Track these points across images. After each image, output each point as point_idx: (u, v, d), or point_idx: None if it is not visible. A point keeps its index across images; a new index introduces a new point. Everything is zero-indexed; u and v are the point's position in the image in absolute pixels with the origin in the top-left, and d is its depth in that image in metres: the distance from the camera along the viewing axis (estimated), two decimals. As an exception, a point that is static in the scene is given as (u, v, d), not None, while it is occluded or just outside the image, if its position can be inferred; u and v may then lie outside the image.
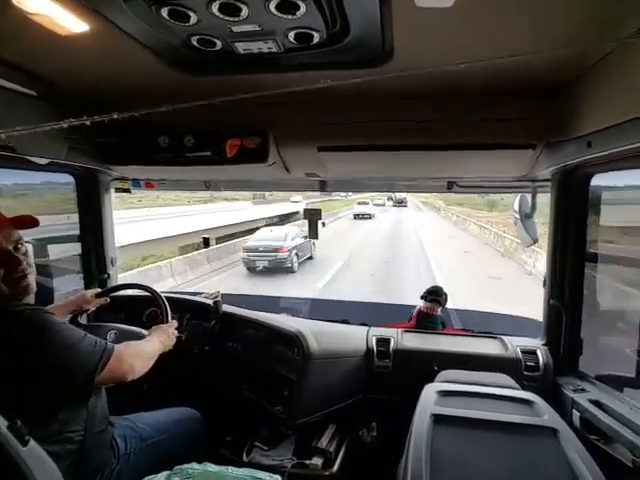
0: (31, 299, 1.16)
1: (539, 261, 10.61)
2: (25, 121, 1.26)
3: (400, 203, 37.33)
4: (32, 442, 0.85)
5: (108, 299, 1.71)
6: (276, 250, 10.82)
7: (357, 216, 25.21)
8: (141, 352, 1.23)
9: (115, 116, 0.62)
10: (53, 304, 1.66)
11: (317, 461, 1.57)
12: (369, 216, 25.29)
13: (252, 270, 11.39)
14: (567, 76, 1.14)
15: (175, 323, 1.52)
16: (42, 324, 1.03)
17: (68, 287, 2.09)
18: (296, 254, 11.47)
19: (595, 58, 1.00)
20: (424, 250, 14.55)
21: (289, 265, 11.15)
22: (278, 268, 10.94)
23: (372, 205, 29.21)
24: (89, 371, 1.05)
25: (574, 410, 1.37)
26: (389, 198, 38.56)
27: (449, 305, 2.38)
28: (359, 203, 27.36)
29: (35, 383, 1.00)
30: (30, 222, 1.17)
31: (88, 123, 0.62)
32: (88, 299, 1.63)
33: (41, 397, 1.02)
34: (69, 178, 1.97)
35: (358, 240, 16.94)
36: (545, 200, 1.71)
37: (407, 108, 1.34)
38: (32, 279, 1.14)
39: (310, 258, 12.72)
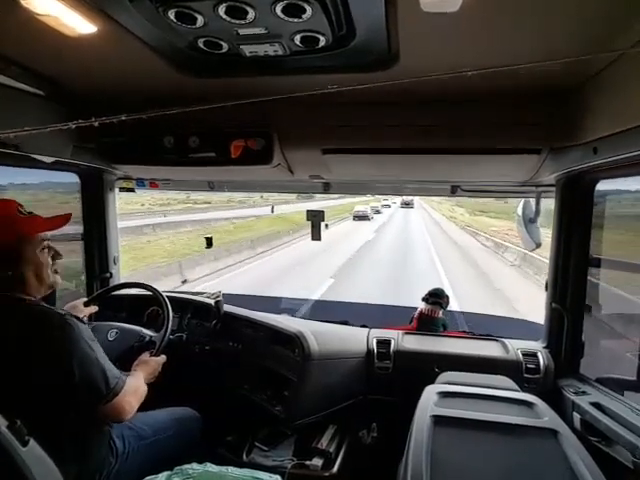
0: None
1: None
2: (33, 120, 1.29)
3: (407, 205, 41.91)
4: (32, 442, 0.86)
5: (97, 307, 1.71)
6: (363, 212, 27.52)
7: (383, 206, 39.95)
8: (139, 395, 1.22)
9: (123, 118, 0.62)
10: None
11: (317, 462, 1.57)
12: (389, 206, 40.95)
13: (354, 219, 27.14)
14: (573, 81, 1.14)
15: (164, 358, 1.49)
16: (80, 332, 1.06)
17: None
18: (369, 214, 28.12)
19: (602, 64, 1.00)
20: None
21: (369, 218, 27.86)
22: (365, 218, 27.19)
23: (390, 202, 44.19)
24: (98, 394, 1.06)
25: (574, 412, 1.38)
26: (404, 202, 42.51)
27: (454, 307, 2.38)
28: (384, 199, 41.92)
29: (41, 381, 1.00)
30: (63, 221, 1.23)
31: (96, 124, 0.63)
32: (79, 309, 1.62)
33: (44, 399, 1.02)
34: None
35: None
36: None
37: (412, 111, 1.35)
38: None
39: (372, 218, 28.58)
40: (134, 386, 1.19)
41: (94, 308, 1.70)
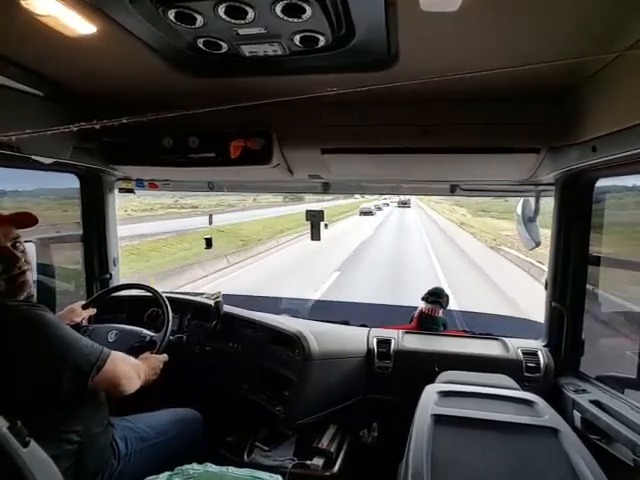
0: (33, 298, 1.17)
1: None
2: (32, 121, 1.29)
3: (404, 204, 41.50)
4: (33, 443, 0.85)
5: (95, 310, 1.71)
6: (369, 209, 31.34)
7: (383, 204, 41.64)
8: (131, 362, 1.23)
9: (124, 120, 0.62)
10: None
11: (318, 461, 1.56)
12: (387, 204, 42.57)
13: (360, 214, 30.25)
14: (572, 80, 1.14)
15: (165, 357, 1.50)
16: (38, 319, 1.04)
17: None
18: (373, 210, 32.12)
19: (601, 63, 1.00)
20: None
21: (373, 213, 31.62)
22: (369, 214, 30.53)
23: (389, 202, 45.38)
24: (82, 372, 1.05)
25: (575, 411, 1.38)
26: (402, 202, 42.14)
27: (453, 307, 2.37)
28: (384, 199, 43.98)
29: (26, 379, 1.00)
30: (30, 221, 1.20)
31: (97, 127, 0.63)
32: (77, 312, 1.62)
33: (32, 394, 1.01)
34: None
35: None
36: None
37: (411, 111, 1.35)
38: (29, 276, 1.16)
39: (375, 214, 32.15)
40: (123, 356, 1.19)
41: (92, 311, 1.69)
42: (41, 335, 1.03)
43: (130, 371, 1.19)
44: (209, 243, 2.46)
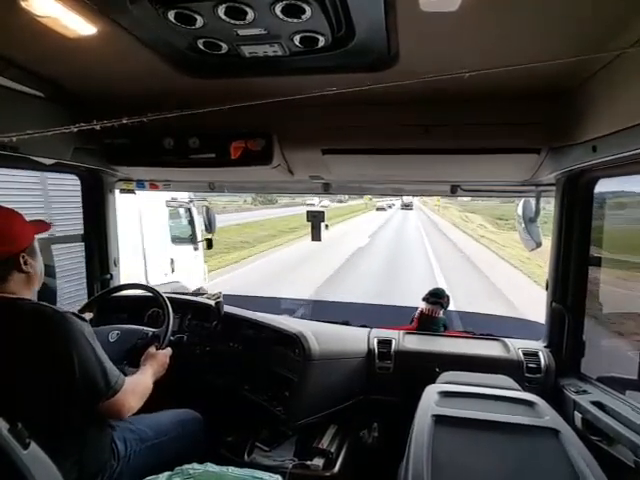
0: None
1: None
2: (33, 122, 1.29)
3: (407, 207, 42.50)
4: (33, 445, 0.85)
5: (92, 314, 1.71)
6: (382, 206, 41.48)
7: (391, 204, 46.64)
8: (140, 391, 1.23)
9: (124, 121, 0.62)
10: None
11: (318, 462, 1.56)
12: (394, 204, 46.28)
13: (377, 210, 40.58)
14: (572, 80, 1.14)
15: (170, 350, 1.50)
16: (80, 329, 1.06)
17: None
18: (385, 207, 42.12)
19: (601, 63, 1.00)
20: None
21: (386, 209, 40.88)
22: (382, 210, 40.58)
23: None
24: (98, 392, 1.06)
25: (576, 412, 1.38)
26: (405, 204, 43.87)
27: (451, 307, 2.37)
28: (390, 200, 48.48)
29: (44, 384, 1.00)
30: (45, 227, 1.24)
31: (98, 128, 0.63)
32: None
33: (44, 399, 1.02)
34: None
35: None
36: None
37: (411, 111, 1.35)
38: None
39: (386, 210, 40.72)
40: (133, 384, 1.20)
41: (88, 315, 1.69)
42: (81, 343, 1.04)
43: (135, 402, 1.18)
44: (209, 244, 2.46)
